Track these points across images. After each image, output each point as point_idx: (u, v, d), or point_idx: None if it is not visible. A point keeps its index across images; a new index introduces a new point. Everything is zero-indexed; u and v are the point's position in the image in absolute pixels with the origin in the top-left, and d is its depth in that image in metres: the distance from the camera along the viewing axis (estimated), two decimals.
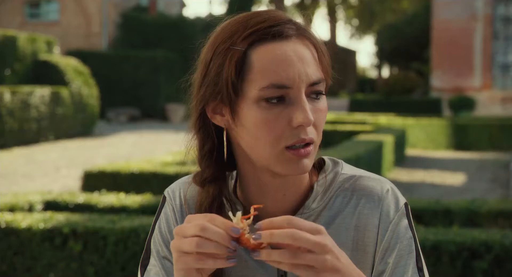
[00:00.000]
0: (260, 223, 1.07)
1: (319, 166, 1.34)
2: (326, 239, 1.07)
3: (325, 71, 1.23)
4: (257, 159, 1.23)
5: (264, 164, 1.23)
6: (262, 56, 1.18)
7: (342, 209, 1.29)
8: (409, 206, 1.31)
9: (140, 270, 1.33)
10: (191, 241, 1.08)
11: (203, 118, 1.25)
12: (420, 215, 5.44)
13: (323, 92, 1.22)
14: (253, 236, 1.07)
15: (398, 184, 11.06)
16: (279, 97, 1.18)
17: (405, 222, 1.28)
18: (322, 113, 1.22)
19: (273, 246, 1.08)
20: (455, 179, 11.81)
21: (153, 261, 1.30)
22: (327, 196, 1.29)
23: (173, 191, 1.34)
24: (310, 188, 1.30)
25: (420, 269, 1.26)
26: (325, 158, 1.34)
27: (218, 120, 1.24)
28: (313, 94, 1.21)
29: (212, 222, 1.09)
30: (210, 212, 1.24)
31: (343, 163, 1.34)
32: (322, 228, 1.08)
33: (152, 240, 1.32)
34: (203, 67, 1.23)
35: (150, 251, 1.32)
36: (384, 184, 1.30)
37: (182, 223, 1.30)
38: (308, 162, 1.21)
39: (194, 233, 1.08)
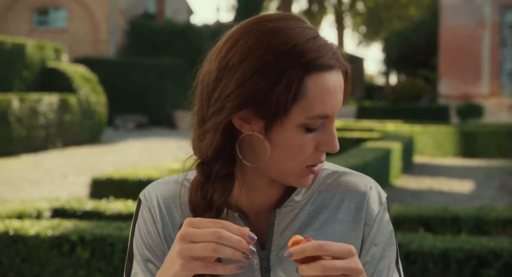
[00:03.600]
0: (291, 251, 1.10)
1: None
2: (358, 262, 1.11)
3: (345, 96, 1.28)
4: (270, 170, 1.25)
5: (273, 175, 1.26)
6: (316, 86, 1.20)
7: (326, 204, 1.33)
8: (388, 200, 1.37)
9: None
10: (206, 246, 1.09)
11: (229, 121, 1.24)
12: (428, 223, 5.43)
13: None
14: (285, 254, 1.10)
15: (406, 191, 11.05)
16: (318, 126, 1.23)
17: (387, 215, 1.34)
18: None
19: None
20: (463, 186, 11.77)
21: (136, 266, 1.30)
22: (310, 190, 1.33)
23: (149, 192, 1.34)
24: None
25: (396, 262, 1.33)
26: None
27: (241, 126, 1.24)
28: None
29: (227, 229, 1.10)
30: (218, 206, 1.25)
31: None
32: (353, 249, 1.12)
33: (134, 245, 1.32)
34: (240, 75, 1.20)
35: (133, 256, 1.32)
36: (367, 179, 1.36)
37: (162, 223, 1.31)
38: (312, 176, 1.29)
39: (210, 240, 1.09)
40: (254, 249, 1.10)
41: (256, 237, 1.10)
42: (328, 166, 1.37)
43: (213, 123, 1.24)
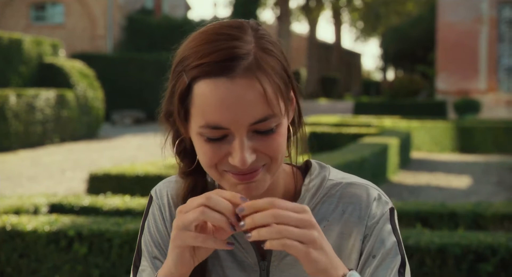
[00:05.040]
0: (243, 206, 1.07)
1: (305, 168, 1.34)
2: (311, 216, 1.09)
3: (281, 103, 1.17)
4: None
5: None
6: (202, 93, 1.14)
7: (327, 216, 1.29)
8: (395, 211, 1.31)
9: (132, 270, 1.33)
10: (195, 210, 1.08)
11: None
12: (426, 218, 5.44)
13: (273, 128, 1.16)
14: (240, 224, 1.07)
15: (403, 186, 11.06)
16: (221, 136, 1.16)
17: (388, 227, 1.28)
18: (275, 141, 1.17)
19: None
20: (460, 181, 11.78)
21: (144, 262, 1.31)
22: (313, 201, 1.29)
23: (160, 190, 1.35)
24: (296, 191, 1.31)
25: (401, 273, 1.25)
26: (313, 161, 1.34)
27: (175, 126, 1.26)
28: (260, 131, 1.16)
29: (218, 194, 1.09)
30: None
31: (331, 167, 1.34)
32: (306, 207, 1.09)
33: (142, 241, 1.33)
34: (169, 78, 1.24)
35: (141, 252, 1.32)
36: (370, 190, 1.30)
37: (171, 222, 1.31)
38: (258, 185, 1.19)
39: (199, 203, 1.09)
40: (244, 223, 1.07)
41: (247, 199, 1.08)
42: (333, 176, 1.32)
43: (162, 124, 1.27)
